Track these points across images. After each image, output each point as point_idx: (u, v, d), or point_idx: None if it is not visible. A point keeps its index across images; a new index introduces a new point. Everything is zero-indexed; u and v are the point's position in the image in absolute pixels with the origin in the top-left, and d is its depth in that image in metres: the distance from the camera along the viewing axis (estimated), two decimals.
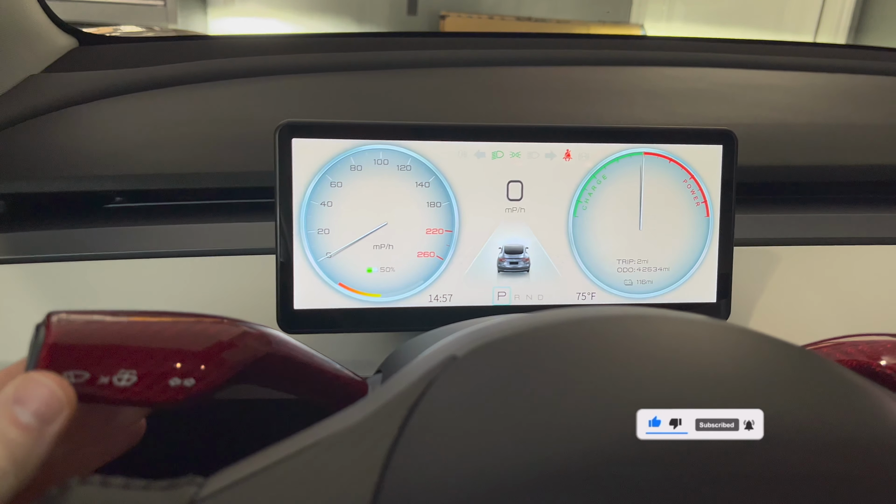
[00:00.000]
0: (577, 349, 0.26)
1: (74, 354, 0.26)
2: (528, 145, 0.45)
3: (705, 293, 0.48)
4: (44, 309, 0.47)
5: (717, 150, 0.47)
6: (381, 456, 0.22)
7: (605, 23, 3.96)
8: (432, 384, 0.25)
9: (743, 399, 0.23)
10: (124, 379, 0.26)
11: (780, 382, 0.25)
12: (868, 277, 0.55)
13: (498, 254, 0.46)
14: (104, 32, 0.97)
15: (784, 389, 0.25)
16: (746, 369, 0.26)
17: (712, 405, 0.23)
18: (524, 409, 0.23)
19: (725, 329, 0.28)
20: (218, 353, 0.28)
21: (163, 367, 0.27)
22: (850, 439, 0.23)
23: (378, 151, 0.44)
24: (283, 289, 0.43)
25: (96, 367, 0.26)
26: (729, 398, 0.23)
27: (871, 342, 0.36)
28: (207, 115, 0.66)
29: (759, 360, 0.27)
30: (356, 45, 0.90)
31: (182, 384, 0.27)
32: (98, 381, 0.26)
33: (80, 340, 0.26)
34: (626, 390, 0.24)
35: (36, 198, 0.55)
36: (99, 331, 0.27)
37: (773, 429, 0.22)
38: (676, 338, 0.27)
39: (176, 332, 0.28)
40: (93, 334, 0.26)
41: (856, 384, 0.26)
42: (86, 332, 0.26)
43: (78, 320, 0.27)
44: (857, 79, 0.87)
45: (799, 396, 0.25)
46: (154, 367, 0.26)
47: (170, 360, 0.27)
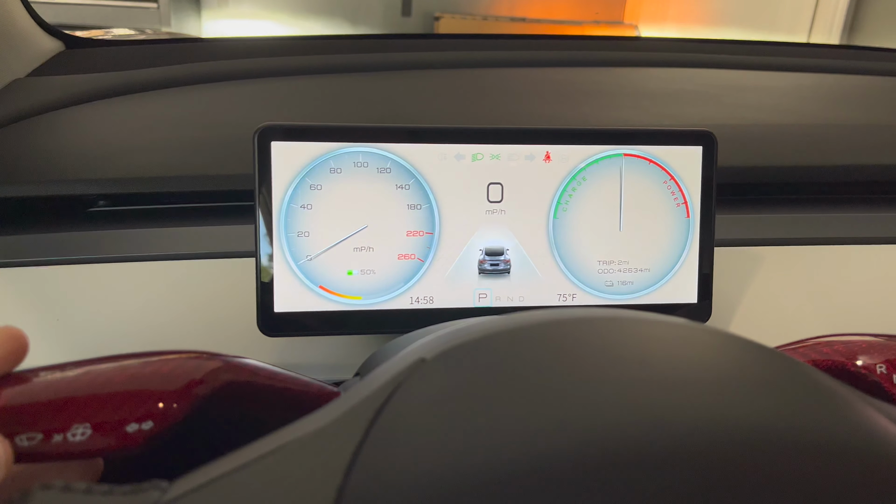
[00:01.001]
0: (544, 352, 0.26)
1: (25, 416, 0.26)
2: (508, 147, 0.45)
3: (686, 294, 0.48)
4: (28, 312, 0.47)
5: (696, 151, 0.47)
6: (345, 458, 0.22)
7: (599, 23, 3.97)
8: (400, 387, 0.25)
9: (711, 402, 0.23)
10: (79, 433, 0.26)
11: (748, 384, 0.25)
12: (851, 277, 0.55)
13: (478, 256, 0.46)
14: (94, 35, 0.97)
15: (752, 391, 0.25)
16: (715, 371, 0.26)
17: (680, 408, 0.23)
18: (490, 411, 0.23)
19: (696, 330, 0.28)
20: (173, 391, 0.28)
21: (117, 415, 0.26)
22: (817, 442, 0.23)
23: (357, 154, 0.44)
24: (263, 292, 0.44)
25: (48, 425, 0.26)
26: (696, 401, 0.23)
27: (846, 342, 0.36)
28: (192, 119, 0.66)
29: (727, 361, 0.27)
30: (343, 48, 0.91)
31: (140, 428, 0.27)
32: (52, 439, 0.26)
33: (29, 400, 0.26)
34: (591, 393, 0.24)
35: (19, 201, 0.55)
36: (48, 388, 0.27)
37: (738, 431, 0.22)
38: (644, 339, 0.27)
39: (126, 377, 0.28)
40: (42, 392, 0.26)
41: (825, 386, 0.26)
42: (35, 391, 0.26)
43: (25, 380, 0.27)
44: (844, 79, 0.88)
45: (766, 398, 0.25)
46: (108, 416, 0.26)
47: (123, 406, 0.27)
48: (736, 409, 0.23)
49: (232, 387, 0.30)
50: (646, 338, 0.27)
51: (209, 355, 0.30)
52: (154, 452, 0.28)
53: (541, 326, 0.27)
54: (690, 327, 0.29)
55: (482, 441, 0.22)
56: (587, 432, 0.22)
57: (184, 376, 0.29)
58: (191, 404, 0.28)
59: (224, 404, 0.30)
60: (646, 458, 0.21)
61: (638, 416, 0.23)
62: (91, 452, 0.26)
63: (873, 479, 0.22)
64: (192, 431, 0.29)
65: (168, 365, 0.29)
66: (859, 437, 0.24)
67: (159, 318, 0.49)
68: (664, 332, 0.28)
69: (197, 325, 0.49)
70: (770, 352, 0.28)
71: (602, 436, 0.22)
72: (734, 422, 0.22)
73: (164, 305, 0.49)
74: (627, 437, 0.22)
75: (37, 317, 0.47)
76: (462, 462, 0.21)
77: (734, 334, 0.28)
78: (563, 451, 0.21)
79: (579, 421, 0.22)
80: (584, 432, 0.22)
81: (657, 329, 0.28)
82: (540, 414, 0.23)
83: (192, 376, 0.29)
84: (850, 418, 0.25)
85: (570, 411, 0.23)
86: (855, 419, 0.25)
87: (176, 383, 0.28)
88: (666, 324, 0.28)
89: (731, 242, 0.55)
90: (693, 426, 0.22)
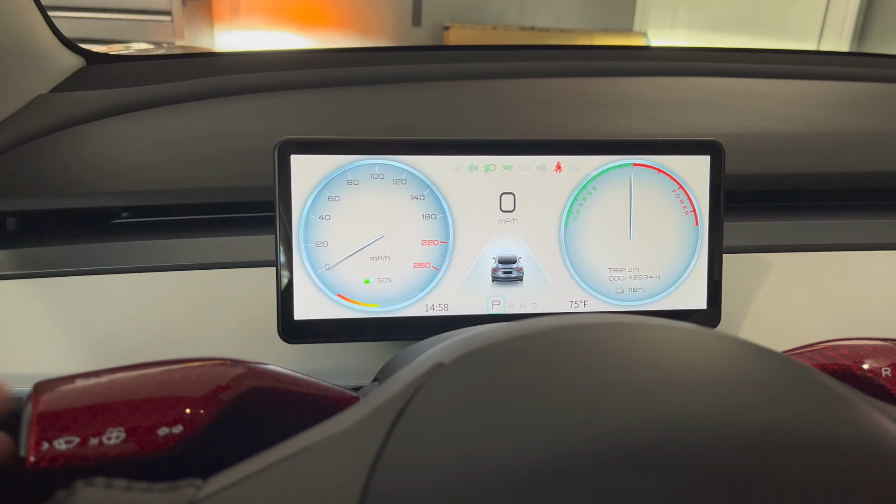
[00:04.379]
0: (559, 356, 0.27)
1: (63, 421, 0.27)
2: (520, 158, 0.47)
3: (696, 300, 0.49)
4: (57, 322, 0.49)
5: (704, 160, 0.48)
6: (369, 458, 0.23)
7: (608, 31, 3.98)
8: (420, 390, 0.26)
9: (719, 404, 0.24)
10: (113, 437, 0.27)
11: (755, 387, 0.26)
12: (858, 283, 0.56)
13: (492, 264, 0.47)
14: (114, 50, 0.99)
15: (759, 394, 0.26)
16: (722, 374, 0.27)
17: (689, 410, 0.24)
18: (507, 413, 0.24)
19: (703, 334, 0.29)
20: (201, 396, 0.29)
21: (149, 420, 0.28)
22: (822, 441, 0.24)
23: (374, 166, 0.45)
24: (283, 300, 0.45)
25: (85, 429, 0.27)
26: (704, 403, 0.24)
27: (852, 346, 0.37)
28: (212, 132, 0.68)
29: (734, 364, 0.28)
30: (356, 60, 0.92)
31: (171, 432, 0.28)
32: (89, 442, 0.27)
33: (67, 406, 0.28)
34: (605, 395, 0.25)
35: (44, 214, 0.57)
36: (84, 394, 0.28)
37: (747, 433, 0.23)
38: (655, 344, 0.28)
39: (158, 383, 0.29)
40: (78, 398, 0.28)
41: (830, 388, 0.27)
42: (71, 397, 0.28)
43: (63, 386, 0.28)
44: (851, 86, 0.88)
45: (773, 400, 0.26)
46: (140, 421, 0.28)
47: (155, 411, 0.28)
48: (744, 411, 0.24)
49: (256, 392, 0.31)
50: (657, 342, 0.29)
51: (233, 362, 0.32)
52: (184, 455, 0.29)
53: (554, 331, 0.28)
54: (700, 332, 0.30)
55: (501, 442, 0.23)
56: (602, 434, 0.23)
57: (210, 382, 0.30)
58: (218, 409, 0.30)
59: (248, 409, 0.31)
60: (660, 458, 0.22)
61: (651, 418, 0.24)
62: (124, 455, 0.28)
63: (876, 476, 0.23)
64: (219, 435, 0.31)
65: (195, 372, 0.30)
66: (862, 436, 0.24)
67: (184, 326, 0.50)
68: (674, 337, 0.29)
69: (220, 332, 0.50)
70: (776, 355, 0.29)
71: (617, 437, 0.23)
72: (742, 423, 0.23)
73: (188, 314, 0.51)
74: (642, 438, 0.23)
75: (66, 326, 0.49)
76: (481, 462, 0.22)
77: (741, 338, 0.29)
78: (578, 452, 0.22)
79: (594, 422, 0.23)
80: (599, 434, 0.23)
81: (667, 333, 0.29)
82: (556, 416, 0.24)
83: (219, 382, 0.30)
84: (854, 419, 0.25)
85: (584, 413, 0.24)
86: (858, 419, 0.25)
87: (203, 389, 0.30)
88: (675, 328, 0.29)
89: (740, 249, 0.56)
90: (705, 428, 0.23)
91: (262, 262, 0.52)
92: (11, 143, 0.61)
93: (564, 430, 0.23)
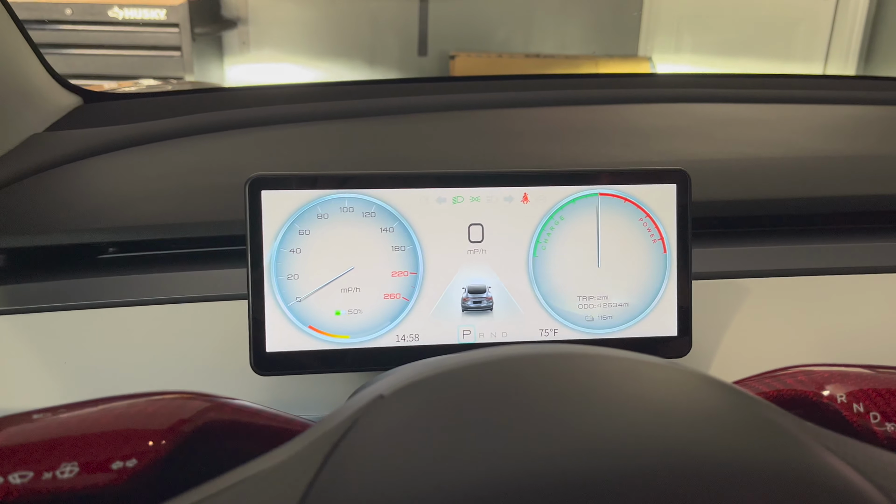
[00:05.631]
0: (498, 387, 0.27)
1: (18, 455, 0.28)
2: (487, 190, 0.48)
3: (666, 328, 0.49)
4: (36, 356, 0.50)
5: (671, 188, 0.49)
6: (300, 490, 0.24)
7: (612, 57, 4.01)
8: (358, 422, 0.27)
9: (654, 434, 0.25)
10: (67, 471, 0.28)
11: (693, 416, 0.27)
12: (832, 308, 0.56)
13: (462, 294, 0.48)
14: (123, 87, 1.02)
15: (688, 423, 0.26)
16: (661, 404, 0.27)
17: (626, 440, 0.24)
18: (442, 443, 0.25)
19: (643, 364, 0.30)
20: (157, 429, 0.30)
21: (102, 454, 0.29)
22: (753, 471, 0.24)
23: (343, 200, 0.47)
24: (255, 333, 0.46)
25: (39, 464, 0.28)
26: (642, 433, 0.25)
27: (808, 372, 0.38)
28: (199, 167, 0.69)
29: (674, 394, 0.28)
30: (350, 94, 0.94)
31: (125, 465, 0.29)
32: (42, 476, 0.28)
33: (22, 441, 0.28)
34: (537, 425, 0.25)
35: (33, 251, 0.58)
36: (39, 429, 0.29)
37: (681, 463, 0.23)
38: (594, 374, 0.29)
39: (114, 416, 0.30)
40: (33, 433, 0.29)
41: (769, 418, 0.27)
42: (27, 432, 0.29)
43: (20, 422, 0.29)
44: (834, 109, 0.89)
45: (711, 431, 0.26)
46: (94, 455, 0.29)
47: (109, 445, 0.29)
48: (669, 440, 0.24)
49: (215, 425, 0.32)
50: (595, 372, 0.29)
51: (193, 395, 0.33)
52: (139, 488, 0.30)
53: (491, 364, 0.29)
54: (641, 361, 0.30)
55: (436, 473, 0.23)
56: (533, 466, 0.23)
57: (167, 416, 0.31)
58: (174, 442, 0.30)
59: (207, 442, 0.32)
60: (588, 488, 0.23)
61: (580, 448, 0.24)
62: (78, 489, 0.29)
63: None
64: (178, 468, 0.31)
65: (153, 405, 0.31)
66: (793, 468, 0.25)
67: (161, 360, 0.51)
68: (612, 367, 0.29)
69: (196, 364, 0.51)
70: (721, 385, 0.29)
71: (547, 469, 0.23)
72: (666, 451, 0.24)
73: (165, 347, 0.52)
74: (570, 469, 0.23)
75: (46, 360, 0.50)
76: (413, 494, 0.23)
77: (684, 366, 0.30)
78: (510, 483, 0.23)
79: (528, 453, 0.24)
80: (531, 465, 0.23)
81: (606, 364, 0.30)
82: (492, 447, 0.24)
83: (177, 416, 0.31)
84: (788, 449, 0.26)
85: (518, 445, 0.24)
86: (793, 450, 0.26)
87: (160, 422, 0.31)
88: (615, 357, 0.30)
89: (713, 275, 0.56)
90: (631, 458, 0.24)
91: (242, 295, 0.53)
92: (3, 182, 0.63)
93: (498, 461, 0.24)
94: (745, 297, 0.56)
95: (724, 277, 0.57)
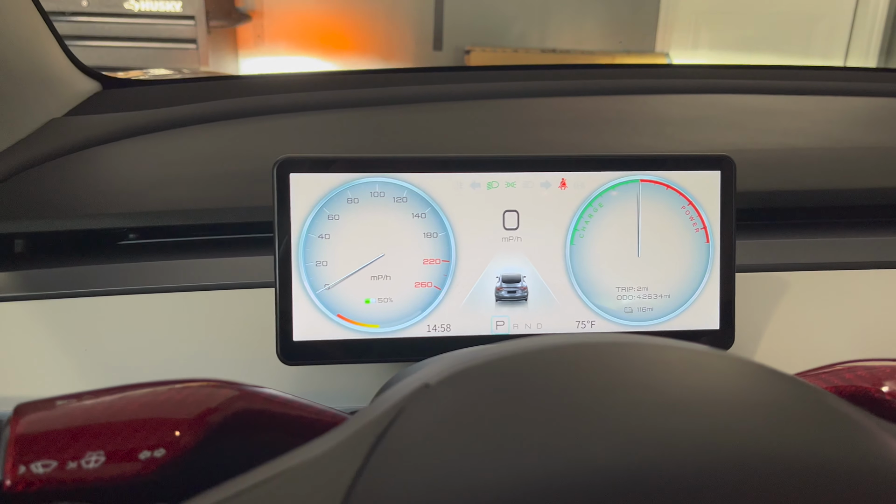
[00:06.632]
0: (548, 377, 0.26)
1: (41, 444, 0.26)
2: (523, 175, 0.46)
3: (708, 320, 0.47)
4: (58, 342, 0.48)
5: (715, 175, 0.47)
6: (345, 482, 0.22)
7: (630, 52, 3.97)
8: (402, 412, 0.25)
9: (722, 430, 0.23)
10: (92, 461, 0.27)
11: (763, 411, 0.25)
12: (877, 302, 0.53)
13: (495, 283, 0.46)
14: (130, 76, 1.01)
15: (767, 419, 0.24)
16: (728, 397, 0.26)
17: (690, 435, 0.23)
18: (493, 435, 0.23)
19: (704, 354, 0.28)
20: (185, 419, 0.28)
21: (129, 443, 0.27)
22: (832, 468, 0.23)
23: (374, 184, 0.45)
24: (282, 321, 0.44)
25: (63, 453, 0.26)
26: (707, 428, 0.23)
27: (869, 367, 0.36)
28: (221, 153, 0.68)
29: (743, 388, 0.26)
30: (372, 81, 0.93)
31: (152, 455, 0.27)
32: (67, 466, 0.26)
33: (46, 429, 0.27)
34: (594, 419, 0.23)
35: (52, 236, 0.57)
36: (64, 416, 0.27)
37: (754, 459, 0.22)
38: (653, 364, 0.27)
39: (141, 405, 0.28)
40: (57, 421, 0.27)
41: (843, 413, 0.26)
42: (50, 420, 0.27)
43: (43, 409, 0.28)
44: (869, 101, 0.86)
45: (782, 426, 0.24)
46: (120, 444, 0.27)
47: (136, 434, 0.27)
48: (745, 436, 0.23)
49: (245, 414, 0.31)
50: (654, 362, 0.27)
51: (222, 383, 0.31)
52: (167, 478, 0.29)
53: (543, 351, 0.27)
54: (702, 352, 0.28)
55: (483, 466, 0.22)
56: (588, 460, 0.22)
57: (196, 404, 0.29)
58: (204, 432, 0.29)
59: (238, 432, 0.30)
60: (651, 486, 0.21)
61: (643, 443, 0.22)
62: (104, 479, 0.27)
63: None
64: (207, 458, 0.30)
65: (181, 393, 0.30)
66: (873, 463, 0.23)
67: (184, 347, 0.49)
68: (673, 357, 0.28)
69: (220, 353, 0.49)
70: (784, 377, 0.27)
71: (605, 465, 0.22)
72: (748, 448, 0.22)
73: (188, 335, 0.50)
74: (632, 465, 0.21)
75: (67, 347, 0.49)
76: (461, 486, 0.21)
77: (751, 360, 0.28)
78: (564, 479, 0.21)
79: (581, 448, 0.22)
80: (586, 460, 0.22)
81: (666, 353, 0.28)
82: (542, 440, 0.22)
83: (206, 404, 0.30)
84: (866, 445, 0.24)
85: (571, 438, 0.23)
86: (870, 446, 0.24)
87: (189, 411, 0.29)
88: (675, 348, 0.28)
89: (755, 268, 0.54)
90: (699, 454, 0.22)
91: (268, 282, 0.51)
92: (22, 166, 0.62)
93: (550, 454, 0.22)
94: (784, 290, 0.54)
95: (762, 270, 0.55)
